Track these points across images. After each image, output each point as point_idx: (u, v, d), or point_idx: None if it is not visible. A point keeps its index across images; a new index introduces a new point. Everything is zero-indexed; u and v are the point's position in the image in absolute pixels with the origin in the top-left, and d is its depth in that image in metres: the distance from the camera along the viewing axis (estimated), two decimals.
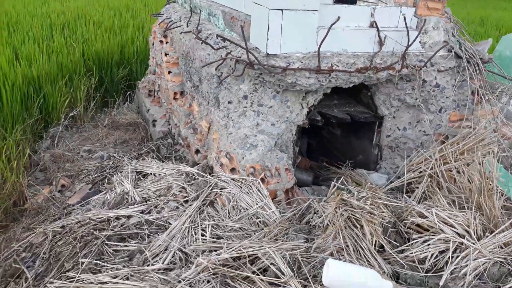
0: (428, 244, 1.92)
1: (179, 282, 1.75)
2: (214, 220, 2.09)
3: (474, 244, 1.90)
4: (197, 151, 2.95)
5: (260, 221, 2.08)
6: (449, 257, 1.86)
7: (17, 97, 3.74)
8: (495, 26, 9.00)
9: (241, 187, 2.21)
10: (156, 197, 2.47)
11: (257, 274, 1.74)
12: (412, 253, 1.91)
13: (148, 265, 1.91)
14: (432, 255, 1.88)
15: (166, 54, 3.66)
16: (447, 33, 2.57)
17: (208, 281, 1.73)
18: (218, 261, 1.77)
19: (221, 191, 2.21)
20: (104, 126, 4.09)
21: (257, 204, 2.12)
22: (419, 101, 2.60)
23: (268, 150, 2.34)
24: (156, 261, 1.94)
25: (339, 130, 3.26)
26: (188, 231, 2.07)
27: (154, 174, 2.85)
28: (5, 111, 3.54)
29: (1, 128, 3.37)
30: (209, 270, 1.75)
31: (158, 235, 2.10)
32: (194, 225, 2.08)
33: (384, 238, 1.93)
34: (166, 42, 3.72)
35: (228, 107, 2.53)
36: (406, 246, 1.98)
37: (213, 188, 2.23)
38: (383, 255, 1.93)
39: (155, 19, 4.35)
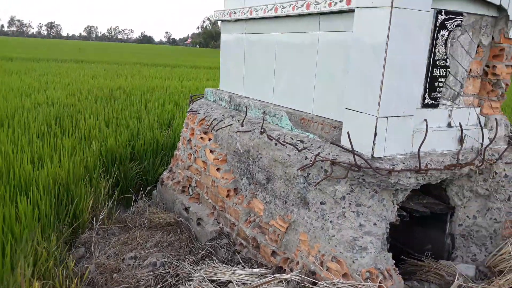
0: None
1: None
2: None
3: None
4: (274, 253, 2.87)
5: None
6: None
7: (52, 203, 3.48)
8: None
9: None
10: None
11: None
12: None
13: None
14: None
15: (211, 151, 3.65)
16: (507, 128, 2.83)
17: None
18: None
19: None
20: (136, 227, 3.86)
21: None
22: (492, 192, 2.77)
23: (379, 252, 2.33)
24: None
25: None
26: None
27: (236, 283, 2.70)
28: (42, 221, 3.25)
29: (42, 242, 3.06)
30: None
31: None
32: None
33: None
34: (209, 139, 3.73)
35: (322, 208, 2.54)
36: None
37: None
38: None
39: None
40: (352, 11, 2.40)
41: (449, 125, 2.65)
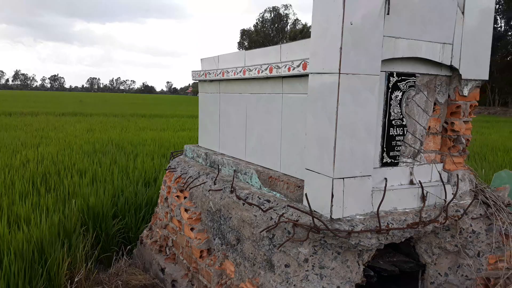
0: None
1: None
2: None
3: None
4: None
5: None
6: None
7: (22, 268, 3.43)
8: None
9: None
10: None
11: None
12: None
13: None
14: None
15: (186, 210, 3.65)
16: (472, 183, 2.84)
17: None
18: None
19: None
20: None
21: None
22: (461, 248, 2.74)
23: None
24: None
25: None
26: None
27: None
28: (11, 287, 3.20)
29: None
30: None
31: None
32: None
33: None
34: (185, 197, 3.74)
35: (286, 271, 2.51)
36: None
37: None
38: None
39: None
40: (308, 75, 2.49)
41: (411, 182, 2.67)
